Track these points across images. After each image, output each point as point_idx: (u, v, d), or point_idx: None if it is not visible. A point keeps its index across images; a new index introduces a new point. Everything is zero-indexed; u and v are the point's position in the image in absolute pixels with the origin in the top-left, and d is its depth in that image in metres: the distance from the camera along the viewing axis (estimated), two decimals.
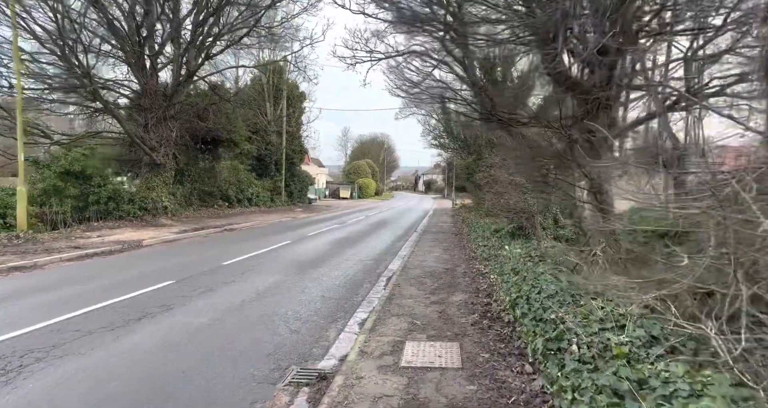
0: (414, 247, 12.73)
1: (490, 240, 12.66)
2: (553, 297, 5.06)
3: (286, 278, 8.11)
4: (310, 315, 6.01)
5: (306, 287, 7.48)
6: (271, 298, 6.70)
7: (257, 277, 8.16)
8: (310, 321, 5.76)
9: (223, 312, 5.89)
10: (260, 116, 27.39)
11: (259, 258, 10.22)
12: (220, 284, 7.46)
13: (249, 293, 6.93)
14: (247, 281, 7.77)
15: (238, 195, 24.75)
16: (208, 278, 7.88)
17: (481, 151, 22.90)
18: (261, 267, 9.12)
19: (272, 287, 7.39)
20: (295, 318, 5.83)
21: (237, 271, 8.64)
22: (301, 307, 6.35)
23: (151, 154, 15.25)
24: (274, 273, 8.54)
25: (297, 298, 6.78)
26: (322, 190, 53.21)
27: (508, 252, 9.87)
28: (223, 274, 8.32)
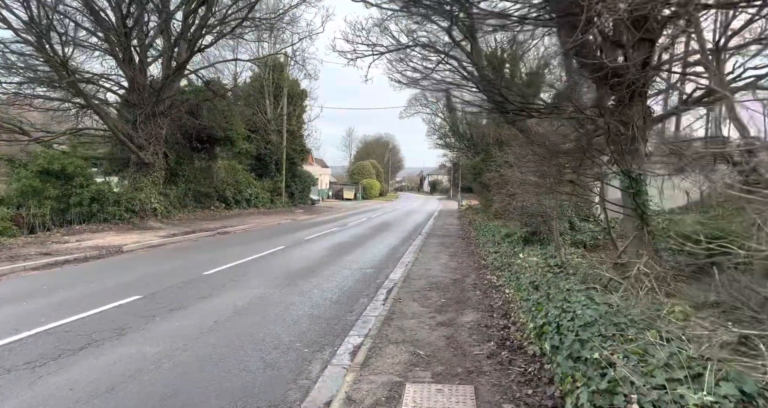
0: (418, 252, 11.72)
1: (501, 245, 11.62)
2: (591, 326, 4.02)
3: (272, 291, 7.12)
4: (292, 341, 5.01)
5: (293, 303, 6.48)
6: (250, 318, 5.71)
7: (239, 290, 7.17)
8: (292, 349, 4.76)
9: (187, 338, 4.90)
10: (260, 114, 26.49)
11: (246, 266, 9.24)
12: (194, 300, 6.48)
13: (224, 311, 5.94)
14: (225, 295, 6.79)
15: (236, 196, 23.85)
16: (181, 292, 6.91)
17: (489, 150, 21.84)
18: (246, 277, 8.14)
19: (254, 303, 6.41)
20: (273, 346, 4.84)
21: (218, 282, 7.66)
22: (283, 329, 5.36)
23: (138, 153, 14.34)
24: (259, 285, 7.55)
25: (280, 318, 5.78)
26: (326, 191, 52.30)
27: (523, 260, 8.84)
28: (201, 286, 7.35)
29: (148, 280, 7.65)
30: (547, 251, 10.16)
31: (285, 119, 27.46)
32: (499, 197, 13.56)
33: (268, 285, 7.56)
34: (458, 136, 32.55)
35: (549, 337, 4.19)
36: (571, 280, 6.24)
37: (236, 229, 16.52)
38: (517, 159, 13.03)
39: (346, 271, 9.03)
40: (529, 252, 10.29)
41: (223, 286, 7.34)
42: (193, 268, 8.78)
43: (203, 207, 21.45)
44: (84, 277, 7.96)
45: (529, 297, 5.95)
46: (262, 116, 26.56)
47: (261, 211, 24.85)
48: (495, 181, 14.40)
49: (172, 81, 15.13)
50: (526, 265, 8.48)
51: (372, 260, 10.56)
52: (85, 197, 13.01)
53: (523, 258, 9.22)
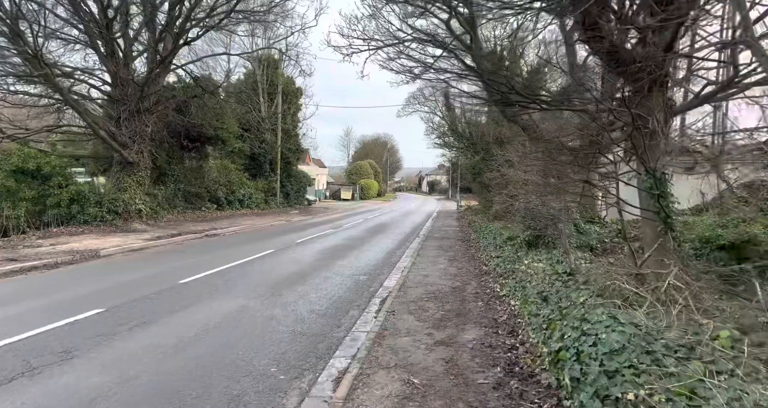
0: (415, 256, 11.04)
1: (504, 249, 10.96)
2: (619, 353, 3.36)
3: (252, 303, 6.44)
4: (268, 364, 4.33)
5: (274, 318, 5.80)
6: (221, 337, 5.03)
7: (215, 301, 6.49)
8: (266, 376, 4.08)
9: (142, 364, 4.22)
10: (253, 113, 25.79)
11: (229, 273, 8.55)
12: (162, 314, 5.79)
13: (194, 329, 5.26)
14: (199, 308, 6.10)
15: (229, 196, 23.14)
16: (150, 304, 6.22)
17: (489, 149, 21.17)
18: (227, 286, 7.45)
19: (229, 318, 5.72)
20: (244, 372, 4.16)
21: (194, 292, 6.97)
22: (258, 350, 4.68)
23: (122, 151, 13.62)
24: (240, 295, 6.86)
25: (257, 336, 5.10)
26: (323, 191, 51.60)
27: (528, 267, 8.18)
28: (174, 297, 6.66)
29: (116, 290, 6.96)
30: (552, 256, 9.51)
31: (280, 117, 26.75)
32: (500, 198, 12.90)
33: (249, 295, 6.88)
34: (457, 135, 31.89)
35: (568, 366, 3.52)
36: (584, 291, 5.58)
37: (226, 231, 15.82)
38: (519, 158, 12.38)
39: (338, 279, 8.34)
40: (534, 257, 9.63)
41: (199, 297, 6.65)
42: (171, 276, 8.08)
43: (194, 208, 20.74)
44: (46, 286, 7.26)
45: (538, 311, 5.28)
46: (255, 114, 25.86)
47: (254, 212, 24.14)
48: (496, 181, 13.74)
49: (158, 76, 14.41)
50: (531, 272, 7.82)
51: (366, 265, 9.89)
52: (64, 198, 12.31)
53: (527, 264, 8.56)
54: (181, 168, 19.99)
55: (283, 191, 28.96)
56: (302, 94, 28.79)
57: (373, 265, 9.94)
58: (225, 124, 20.23)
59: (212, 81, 16.89)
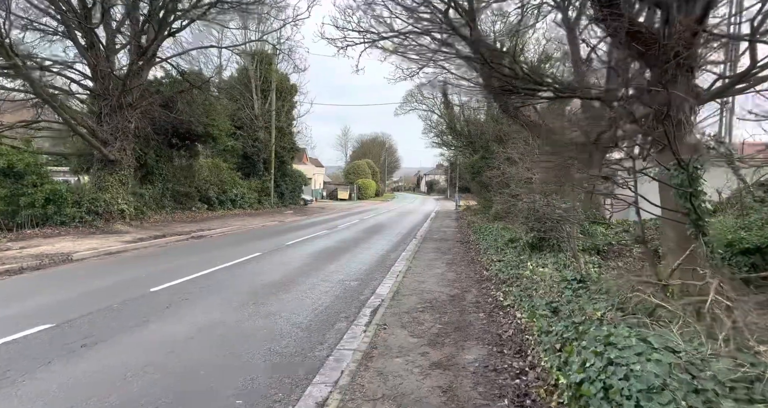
0: (411, 260, 10.37)
1: (506, 252, 10.29)
2: (659, 392, 2.70)
3: (227, 316, 5.75)
4: (232, 396, 3.65)
5: (248, 334, 5.11)
6: (181, 362, 4.33)
7: (186, 313, 5.80)
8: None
9: (74, 401, 3.52)
10: (246, 110, 25.08)
11: (207, 279, 7.86)
12: (121, 329, 5.10)
13: (150, 351, 4.56)
14: (165, 322, 5.41)
15: (220, 196, 22.43)
16: (109, 317, 5.52)
17: (489, 147, 20.51)
18: (202, 295, 6.76)
19: (197, 334, 5.03)
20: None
21: (164, 302, 6.28)
22: (224, 377, 3.99)
23: (102, 148, 12.89)
24: (214, 306, 6.18)
25: (225, 358, 4.42)
26: (319, 191, 50.90)
27: (533, 272, 7.52)
28: (140, 308, 5.96)
29: (77, 301, 6.26)
30: (558, 260, 8.86)
31: (273, 115, 26.03)
32: (501, 198, 12.24)
33: (225, 306, 6.19)
34: (455, 133, 31.25)
35: (594, 405, 2.85)
36: (600, 302, 4.93)
37: (214, 232, 15.12)
38: (522, 155, 11.70)
39: (326, 285, 7.66)
40: (538, 260, 8.97)
41: (168, 308, 5.96)
42: (143, 283, 7.38)
43: (183, 208, 20.03)
44: (1, 295, 6.57)
45: (550, 327, 4.60)
46: (248, 112, 25.15)
47: (247, 213, 23.44)
48: (496, 179, 13.08)
49: (141, 69, 13.68)
50: (537, 278, 7.15)
51: (358, 270, 9.20)
52: (38, 198, 11.59)
53: (532, 269, 7.89)
54: (170, 167, 19.27)
55: (278, 191, 28.25)
56: (297, 92, 28.11)
57: (365, 270, 9.26)
58: (215, 122, 19.52)
59: (201, 76, 16.19)
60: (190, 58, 17.44)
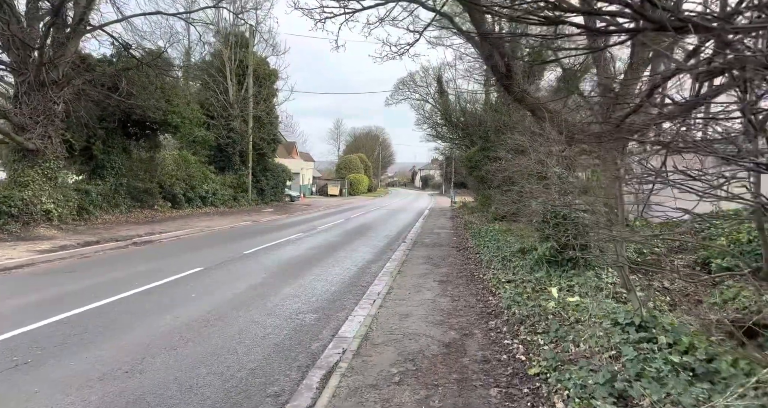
0: (396, 275, 8.13)
1: (515, 267, 8.08)
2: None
3: (91, 394, 3.47)
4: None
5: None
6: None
7: (7, 396, 3.52)
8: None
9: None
10: (220, 97, 22.61)
11: (91, 318, 5.55)
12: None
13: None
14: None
15: (188, 193, 20.04)
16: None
17: (488, 138, 18.25)
18: (63, 350, 4.47)
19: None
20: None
21: (5, 360, 4.00)
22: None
23: (12, 135, 10.47)
24: (72, 373, 3.90)
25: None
26: (308, 186, 48.51)
27: (560, 304, 5.35)
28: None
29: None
30: (586, 280, 6.68)
31: (251, 102, 23.55)
32: (507, 197, 10.00)
33: (88, 376, 3.91)
34: (451, 125, 28.97)
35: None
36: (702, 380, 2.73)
37: (167, 236, 12.80)
38: (534, 142, 9.46)
39: (268, 325, 5.39)
40: (562, 281, 6.76)
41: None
42: (12, 318, 5.08)
43: (143, 206, 17.66)
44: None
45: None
46: (222, 99, 22.68)
47: (219, 211, 21.08)
48: (501, 174, 10.82)
49: (68, 38, 11.25)
50: (570, 318, 4.94)
51: (323, 293, 6.94)
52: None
53: (559, 299, 5.68)
54: (125, 159, 16.86)
55: (257, 187, 25.85)
56: (277, 77, 25.62)
57: (333, 293, 7.00)
58: (177, 108, 17.10)
59: (156, 54, 13.77)
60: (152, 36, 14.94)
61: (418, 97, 29.38)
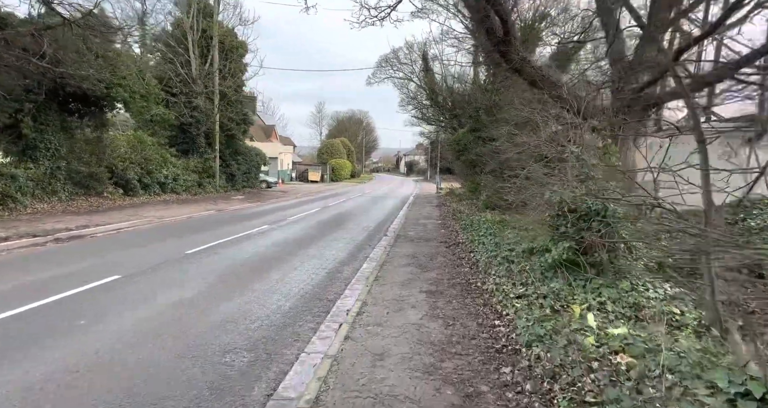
0: (372, 284, 6.39)
1: (521, 271, 6.42)
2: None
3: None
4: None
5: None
6: None
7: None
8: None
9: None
10: (181, 71, 20.23)
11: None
12: None
13: None
14: None
15: (144, 178, 17.85)
16: None
17: (479, 118, 16.47)
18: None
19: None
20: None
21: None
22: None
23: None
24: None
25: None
26: (287, 172, 46.25)
27: (605, 340, 3.68)
28: None
29: None
30: (620, 294, 5.07)
31: (216, 77, 21.22)
32: (507, 184, 8.25)
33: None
34: (437, 106, 27.10)
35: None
36: None
37: (105, 229, 10.80)
38: (544, 114, 7.74)
39: (174, 376, 3.58)
40: (588, 295, 5.11)
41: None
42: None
43: (89, 194, 15.48)
44: None
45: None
46: (184, 74, 20.32)
47: (181, 199, 18.96)
48: (502, 155, 9.09)
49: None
50: (623, 368, 3.27)
51: (272, 314, 5.15)
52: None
53: (596, 328, 4.03)
54: (64, 139, 14.59)
55: (227, 172, 23.67)
56: (246, 51, 23.21)
57: (286, 312, 5.23)
58: (124, 81, 14.85)
59: (87, 12, 11.43)
60: None
61: (403, 75, 27.38)
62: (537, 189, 7.06)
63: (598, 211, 5.79)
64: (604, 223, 5.70)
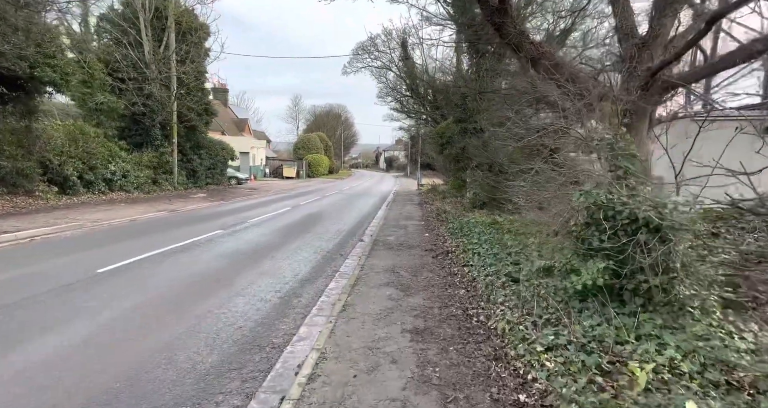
0: (337, 318, 4.63)
1: (538, 296, 4.77)
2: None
3: None
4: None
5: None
6: None
7: None
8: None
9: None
10: (132, 54, 17.90)
11: None
12: None
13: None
14: None
15: (86, 175, 15.58)
16: None
17: (467, 105, 14.79)
18: None
19: None
20: None
21: None
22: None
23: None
24: None
25: None
26: (261, 167, 43.91)
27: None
28: None
29: None
30: (686, 343, 3.42)
31: (173, 61, 18.94)
32: (517, 184, 6.56)
33: None
34: (418, 97, 25.41)
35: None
36: None
37: (9, 237, 8.71)
38: (563, 90, 6.13)
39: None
40: (649, 345, 3.48)
41: None
42: None
43: (14, 192, 13.21)
44: None
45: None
46: (135, 58, 18.00)
47: (131, 198, 16.75)
48: (502, 142, 7.43)
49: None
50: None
51: (180, 380, 3.33)
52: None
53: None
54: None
55: (187, 167, 21.43)
56: (208, 34, 20.96)
57: (199, 376, 3.42)
58: (56, 61, 12.63)
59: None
60: None
61: (381, 64, 25.53)
62: (556, 188, 5.41)
63: (649, 219, 4.17)
64: (658, 236, 4.10)
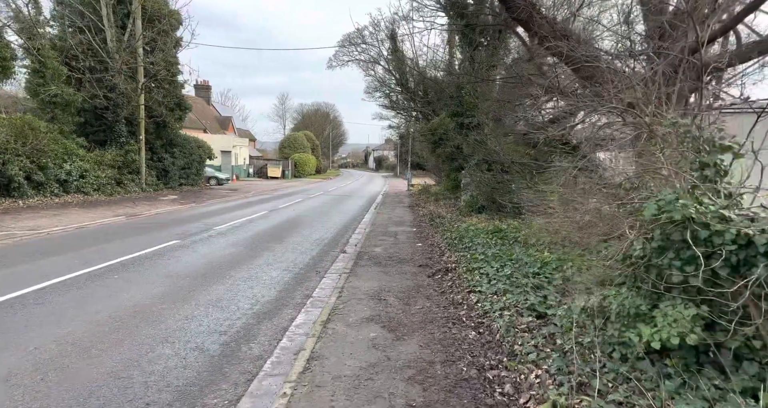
0: (295, 385, 3.11)
1: (581, 347, 3.31)
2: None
3: None
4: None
5: None
6: None
7: None
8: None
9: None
10: (93, 41, 16.13)
11: None
12: None
13: None
14: None
15: (35, 175, 13.81)
16: None
17: (462, 99, 13.33)
18: None
19: None
20: None
21: None
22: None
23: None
24: None
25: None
26: (244, 167, 42.08)
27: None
28: None
29: None
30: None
31: (140, 49, 17.17)
32: (549, 187, 5.07)
33: None
34: (408, 91, 23.97)
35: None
36: None
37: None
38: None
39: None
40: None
41: None
42: None
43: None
44: None
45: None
46: (96, 46, 16.22)
47: (90, 201, 15.00)
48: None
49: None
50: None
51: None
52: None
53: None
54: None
55: (158, 166, 19.66)
56: (180, 22, 19.20)
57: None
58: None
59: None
60: None
61: (368, 57, 24.03)
62: (593, 194, 3.98)
63: None
64: None
